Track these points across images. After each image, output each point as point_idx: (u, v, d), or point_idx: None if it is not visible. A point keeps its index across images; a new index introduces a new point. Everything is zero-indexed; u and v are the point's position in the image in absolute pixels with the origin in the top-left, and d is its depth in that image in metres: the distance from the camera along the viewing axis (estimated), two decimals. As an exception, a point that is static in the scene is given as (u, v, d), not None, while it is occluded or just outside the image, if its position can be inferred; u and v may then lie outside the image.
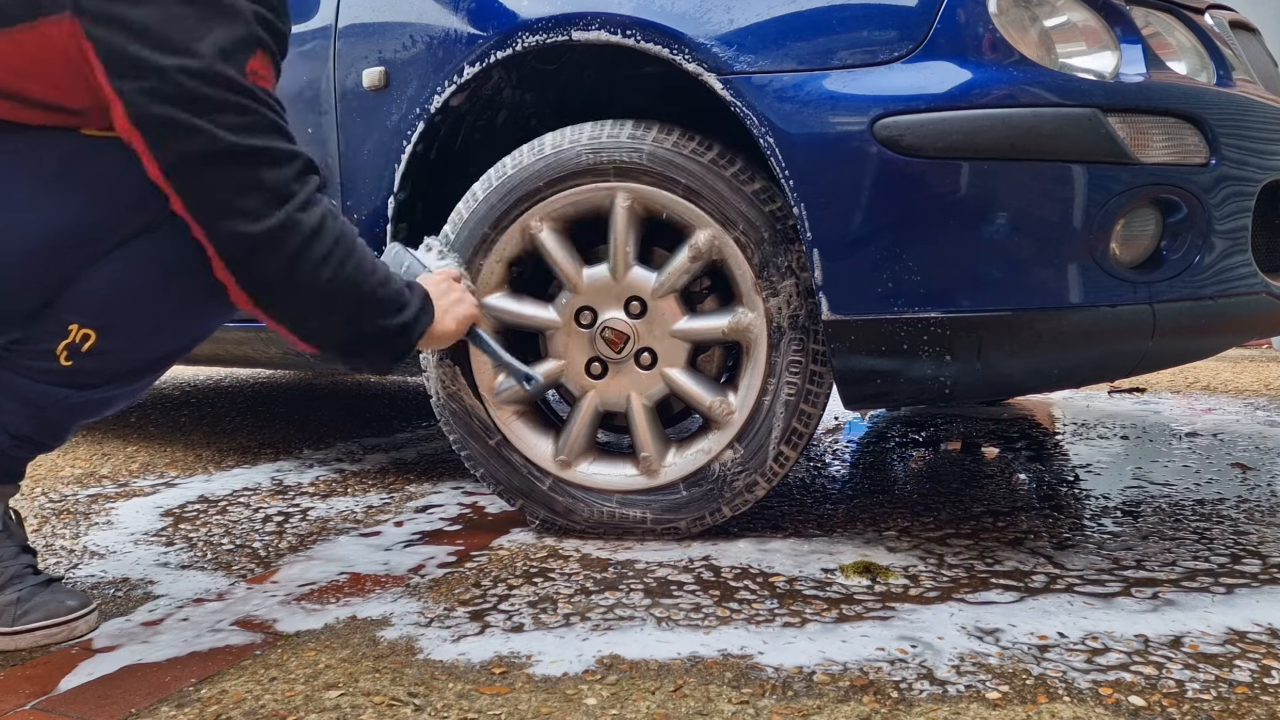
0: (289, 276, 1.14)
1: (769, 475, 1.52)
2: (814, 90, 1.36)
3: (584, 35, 1.49)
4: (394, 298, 1.26)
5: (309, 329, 1.20)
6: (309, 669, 1.10)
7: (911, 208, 1.34)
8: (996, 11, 1.34)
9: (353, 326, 1.22)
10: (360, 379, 3.90)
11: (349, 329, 1.22)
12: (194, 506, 1.88)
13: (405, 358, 1.30)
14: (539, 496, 1.61)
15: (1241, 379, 3.66)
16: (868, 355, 1.39)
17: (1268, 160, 1.47)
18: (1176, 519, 1.67)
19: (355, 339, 1.23)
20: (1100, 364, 1.45)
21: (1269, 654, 1.11)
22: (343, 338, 1.23)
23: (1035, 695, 1.01)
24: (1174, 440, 2.41)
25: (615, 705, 1.00)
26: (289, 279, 1.14)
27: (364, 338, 1.24)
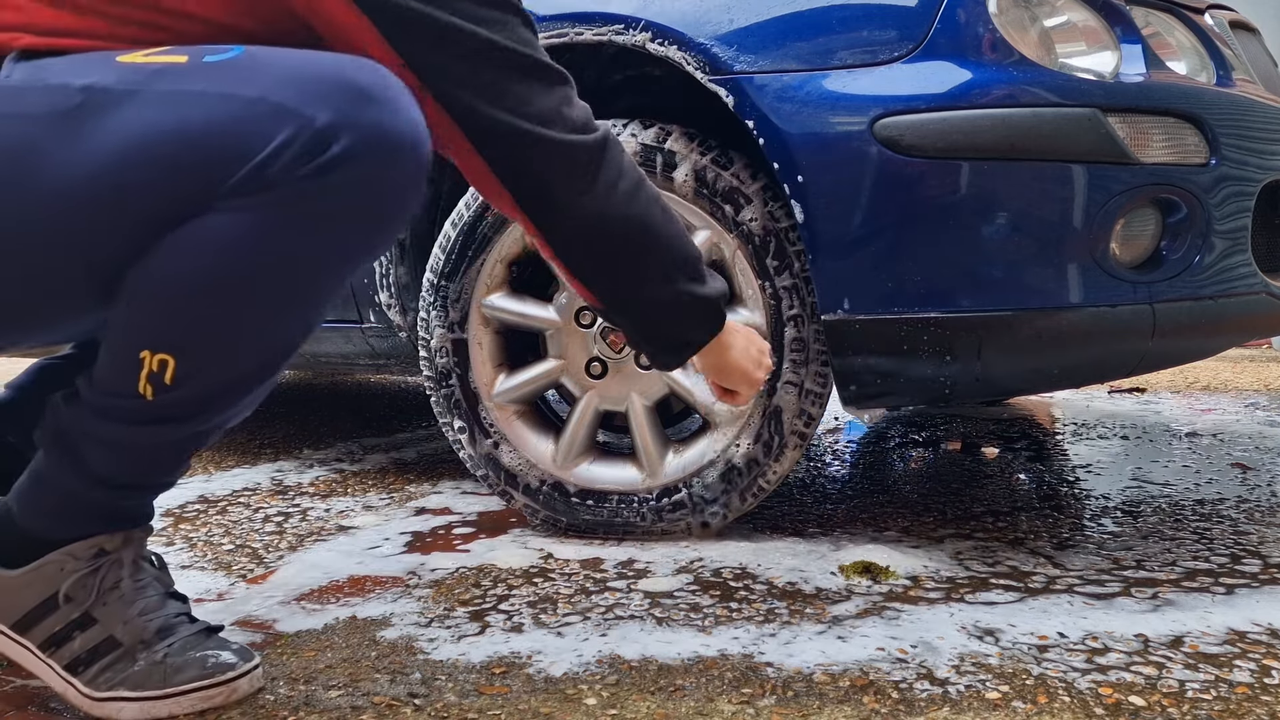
0: (587, 183, 1.00)
1: (770, 475, 1.52)
2: (814, 90, 1.36)
3: (584, 35, 1.49)
4: (696, 257, 1.13)
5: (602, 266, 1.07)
6: (309, 669, 1.10)
7: (911, 208, 1.34)
8: (996, 11, 1.34)
9: (657, 276, 1.09)
10: (360, 378, 3.90)
11: (655, 276, 1.09)
12: (194, 506, 1.88)
13: (679, 364, 1.19)
14: (539, 496, 1.61)
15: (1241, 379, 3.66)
16: (868, 355, 1.39)
17: (1268, 160, 1.47)
18: (1176, 519, 1.67)
19: (659, 297, 1.10)
20: (1100, 364, 1.45)
21: (1269, 654, 1.11)
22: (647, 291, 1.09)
23: (1035, 695, 1.01)
24: (1174, 440, 2.41)
25: (615, 705, 1.00)
26: (586, 185, 1.00)
27: (671, 299, 1.10)
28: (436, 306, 1.61)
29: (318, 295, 0.96)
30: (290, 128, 0.85)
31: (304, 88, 0.87)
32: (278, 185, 0.86)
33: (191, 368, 0.92)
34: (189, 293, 0.89)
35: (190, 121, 0.86)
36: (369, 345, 1.95)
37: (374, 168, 0.88)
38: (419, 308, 1.64)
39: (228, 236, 0.88)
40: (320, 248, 0.91)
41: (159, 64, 0.89)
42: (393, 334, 1.86)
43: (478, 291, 1.59)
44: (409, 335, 1.83)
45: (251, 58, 0.90)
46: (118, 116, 0.86)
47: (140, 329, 0.91)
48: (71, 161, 0.86)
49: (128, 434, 0.95)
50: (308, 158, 0.86)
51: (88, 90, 0.87)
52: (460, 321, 1.60)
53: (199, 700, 0.99)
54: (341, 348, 2.01)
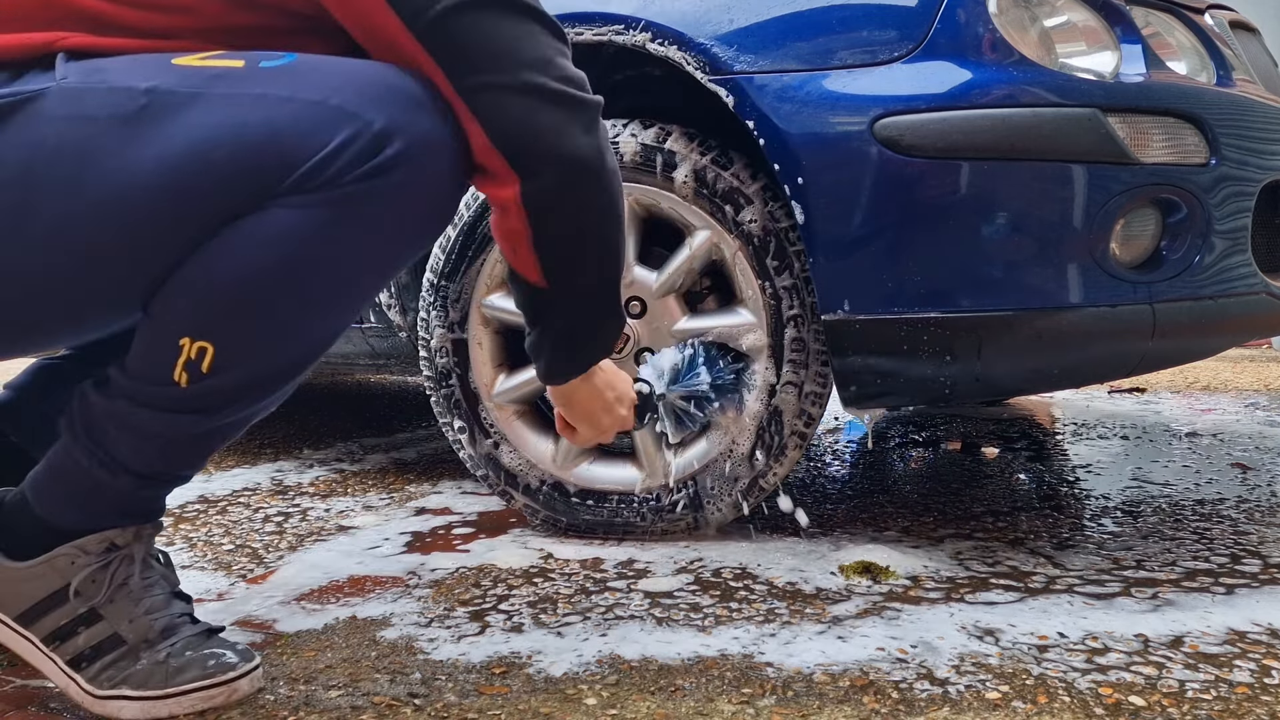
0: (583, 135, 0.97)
1: (770, 476, 1.52)
2: (814, 90, 1.36)
3: (584, 35, 1.49)
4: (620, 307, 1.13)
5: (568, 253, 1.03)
6: (309, 669, 1.10)
7: (911, 208, 1.34)
8: (996, 11, 1.34)
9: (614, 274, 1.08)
10: (360, 378, 3.90)
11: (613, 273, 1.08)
12: (194, 506, 1.88)
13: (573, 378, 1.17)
14: (539, 496, 1.61)
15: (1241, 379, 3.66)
16: (868, 355, 1.39)
17: (1268, 160, 1.47)
18: (1176, 519, 1.67)
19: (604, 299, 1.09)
20: (1100, 364, 1.45)
21: (1269, 654, 1.11)
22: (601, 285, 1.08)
23: (1035, 695, 1.01)
24: (1174, 440, 2.41)
25: (615, 705, 1.00)
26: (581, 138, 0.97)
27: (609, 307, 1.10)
28: (436, 306, 1.61)
29: (359, 294, 0.99)
30: (349, 129, 0.88)
31: (361, 92, 0.90)
32: (335, 184, 0.89)
33: (229, 357, 0.93)
34: (238, 283, 0.91)
35: (253, 123, 0.88)
36: (369, 345, 1.95)
37: (424, 171, 0.92)
38: (419, 308, 1.64)
39: (282, 231, 0.90)
40: (367, 246, 0.94)
41: (217, 68, 0.91)
42: (393, 334, 1.86)
43: (478, 291, 1.59)
44: (409, 335, 1.83)
45: (307, 63, 0.92)
46: (183, 119, 0.88)
47: (183, 315, 0.92)
48: (138, 162, 0.88)
49: (157, 421, 0.96)
50: (364, 158, 0.89)
51: (151, 93, 0.89)
52: (460, 321, 1.60)
53: (200, 700, 0.99)
54: (341, 348, 2.01)
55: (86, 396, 0.98)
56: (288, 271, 0.91)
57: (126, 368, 0.96)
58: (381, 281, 1.00)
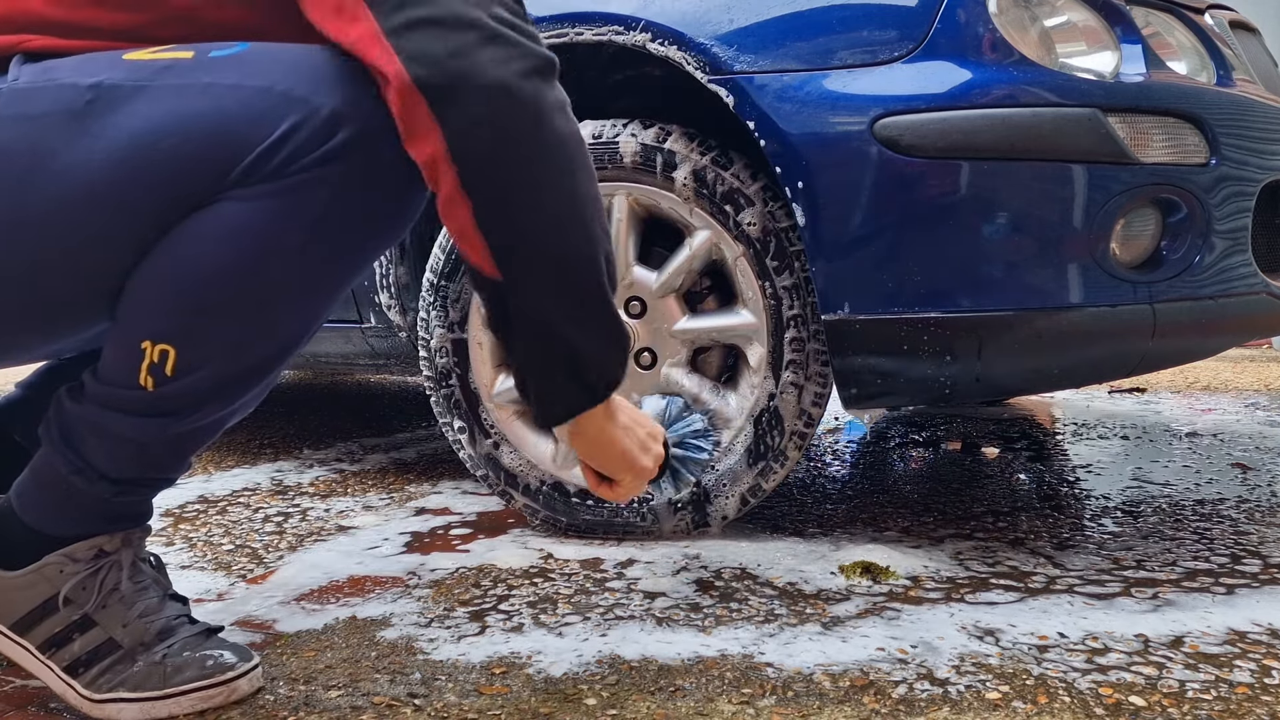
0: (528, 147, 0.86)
1: (770, 475, 1.52)
2: (814, 90, 1.36)
3: (584, 35, 1.49)
4: (609, 250, 0.93)
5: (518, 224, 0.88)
6: (309, 669, 1.10)
7: (911, 208, 1.34)
8: (996, 11, 1.34)
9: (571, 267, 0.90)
10: (360, 378, 3.90)
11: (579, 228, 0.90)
12: (193, 506, 1.88)
13: (570, 413, 0.98)
14: (539, 496, 1.61)
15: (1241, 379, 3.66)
16: (868, 355, 1.39)
17: (1268, 160, 1.47)
18: (1176, 519, 1.67)
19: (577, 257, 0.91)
20: (1100, 364, 1.45)
21: (1269, 654, 1.11)
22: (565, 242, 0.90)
23: (1035, 695, 1.01)
24: (1174, 440, 2.41)
25: (615, 705, 1.00)
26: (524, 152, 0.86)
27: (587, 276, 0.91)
28: (436, 306, 1.61)
29: (326, 287, 0.95)
30: (296, 115, 0.85)
31: (310, 77, 0.87)
32: (283, 173, 0.86)
33: (192, 359, 0.91)
34: (190, 282, 0.88)
35: (198, 112, 0.86)
36: (369, 345, 1.95)
37: (380, 156, 0.88)
38: (419, 308, 1.64)
39: (233, 226, 0.87)
40: (326, 237, 0.90)
41: (166, 60, 0.89)
42: (393, 334, 1.86)
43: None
44: (409, 335, 1.83)
45: (257, 51, 0.90)
46: (127, 112, 0.86)
47: (142, 319, 0.90)
48: (84, 160, 0.86)
49: (127, 426, 0.94)
50: (314, 145, 0.85)
51: (96, 88, 0.87)
52: (460, 321, 1.60)
53: (199, 700, 0.99)
54: (341, 348, 2.01)
55: (61, 403, 0.97)
56: (243, 268, 0.88)
57: (98, 373, 0.95)
58: (351, 272, 0.95)
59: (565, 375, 0.95)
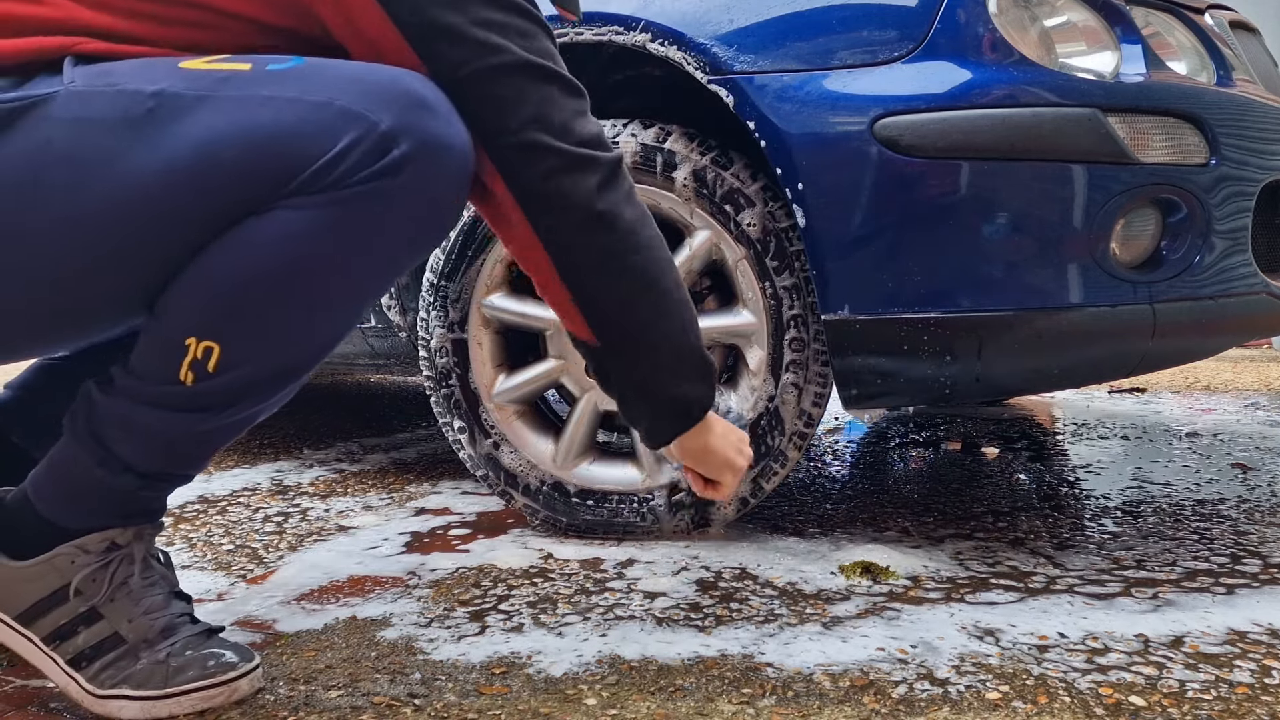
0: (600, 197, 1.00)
1: (770, 475, 1.52)
2: (814, 90, 1.36)
3: (584, 35, 1.49)
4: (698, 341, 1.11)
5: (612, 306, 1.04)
6: (309, 669, 1.10)
7: (911, 208, 1.34)
8: (996, 11, 1.34)
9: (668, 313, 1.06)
10: (360, 378, 3.90)
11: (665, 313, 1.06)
12: (193, 506, 1.88)
13: (674, 436, 1.13)
14: (539, 496, 1.61)
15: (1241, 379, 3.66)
16: (868, 355, 1.39)
17: (1268, 160, 1.47)
18: (1176, 519, 1.67)
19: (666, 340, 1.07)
20: (1100, 364, 1.45)
21: (1269, 654, 1.11)
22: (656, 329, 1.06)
23: (1035, 695, 1.01)
24: (1174, 440, 2.41)
25: (615, 705, 1.00)
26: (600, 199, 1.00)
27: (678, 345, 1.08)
28: (436, 306, 1.61)
29: (365, 294, 0.99)
30: (356, 130, 0.89)
31: (368, 93, 0.90)
32: (342, 185, 0.89)
33: (235, 357, 0.93)
34: (245, 284, 0.91)
35: (261, 124, 0.89)
36: (369, 345, 1.95)
37: (430, 173, 0.92)
38: (419, 308, 1.64)
39: (289, 232, 0.90)
40: (373, 247, 0.94)
41: (225, 71, 0.92)
42: (393, 334, 1.86)
43: (478, 291, 1.59)
44: (409, 335, 1.83)
45: (314, 66, 0.93)
46: (190, 121, 0.89)
47: (190, 315, 0.93)
48: (145, 165, 0.88)
49: (161, 420, 0.96)
50: (371, 159, 0.89)
51: (159, 96, 0.89)
52: (460, 321, 1.60)
53: (200, 700, 0.99)
54: (342, 348, 2.01)
55: (90, 396, 0.98)
56: (294, 272, 0.92)
57: (131, 367, 0.96)
58: (387, 282, 1.00)
59: (668, 412, 1.12)
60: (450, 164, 0.93)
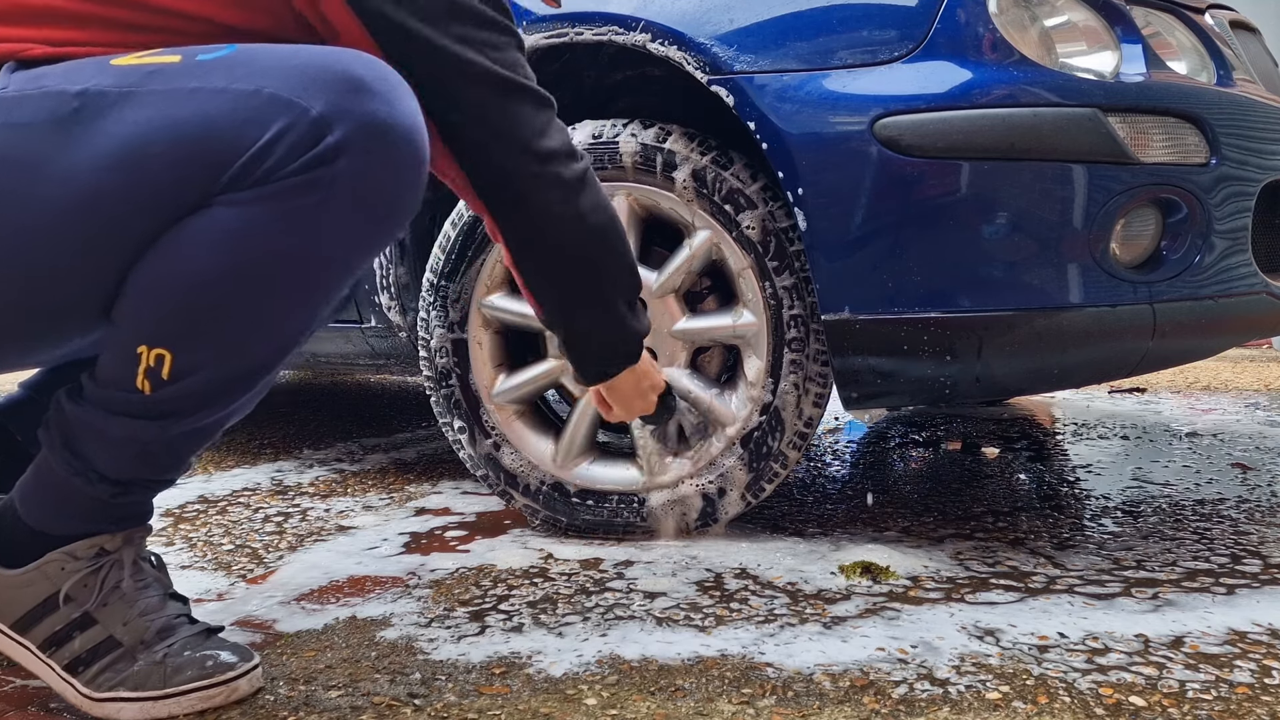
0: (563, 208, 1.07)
1: (770, 476, 1.52)
2: (814, 90, 1.36)
3: (584, 35, 1.49)
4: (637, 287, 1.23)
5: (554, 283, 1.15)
6: (309, 669, 1.10)
7: (911, 208, 1.34)
8: (996, 11, 1.34)
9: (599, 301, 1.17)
10: (360, 378, 3.90)
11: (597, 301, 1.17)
12: (193, 506, 1.88)
13: (621, 367, 1.26)
14: (539, 496, 1.61)
15: (1241, 379, 3.66)
16: (868, 355, 1.39)
17: (1268, 160, 1.47)
18: (1177, 519, 1.67)
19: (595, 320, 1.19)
20: (1100, 364, 1.45)
21: (1269, 654, 1.11)
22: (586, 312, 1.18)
23: (1036, 695, 1.01)
24: (1174, 440, 2.41)
25: (615, 705, 1.00)
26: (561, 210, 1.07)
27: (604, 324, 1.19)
28: (436, 306, 1.61)
29: (322, 289, 0.95)
30: (285, 118, 0.85)
31: (298, 79, 0.87)
32: (273, 176, 0.86)
33: (188, 363, 0.91)
34: (185, 288, 0.88)
35: (185, 117, 0.86)
36: (369, 345, 1.95)
37: (371, 158, 0.88)
38: (419, 308, 1.64)
39: (225, 231, 0.87)
40: (318, 241, 0.90)
41: (153, 64, 0.89)
42: (393, 334, 1.86)
43: (478, 291, 1.59)
44: (409, 335, 1.83)
45: (245, 53, 0.89)
46: (114, 118, 0.86)
47: (137, 324, 0.91)
48: (72, 167, 0.86)
49: (127, 429, 0.94)
50: (303, 147, 0.85)
51: (83, 95, 0.87)
52: (460, 321, 1.60)
53: (199, 700, 0.99)
54: (341, 348, 2.01)
55: (61, 405, 0.97)
56: (236, 273, 0.88)
57: (96, 376, 0.95)
58: (346, 273, 0.96)
59: (591, 364, 1.24)
60: (394, 147, 0.89)
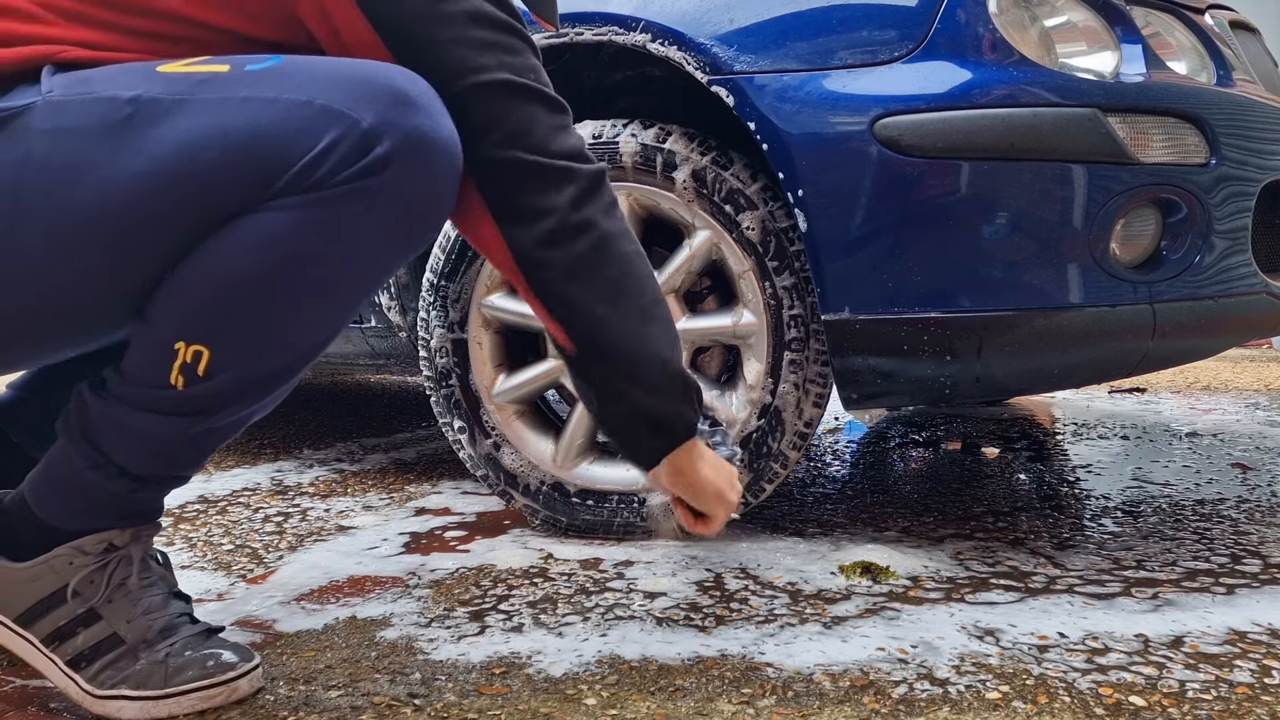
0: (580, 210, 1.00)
1: (770, 476, 1.52)
2: (814, 90, 1.36)
3: (584, 35, 1.49)
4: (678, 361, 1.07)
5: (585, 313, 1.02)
6: (309, 669, 1.10)
7: (911, 208, 1.34)
8: (996, 11, 1.34)
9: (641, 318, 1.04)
10: (360, 378, 3.90)
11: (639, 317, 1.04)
12: (193, 506, 1.88)
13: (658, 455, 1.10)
14: (539, 496, 1.61)
15: (1241, 379, 3.66)
16: (868, 355, 1.39)
17: (1268, 160, 1.47)
18: (1177, 519, 1.67)
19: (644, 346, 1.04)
20: (1100, 364, 1.45)
21: (1269, 654, 1.11)
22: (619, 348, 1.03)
23: (1036, 695, 1.01)
24: (1174, 440, 2.41)
25: (615, 705, 1.00)
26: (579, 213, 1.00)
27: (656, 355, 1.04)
28: (436, 306, 1.61)
29: (355, 294, 0.98)
30: (338, 129, 0.88)
31: (349, 90, 0.89)
32: (325, 184, 0.88)
33: (226, 360, 0.93)
34: (232, 287, 0.90)
35: (240, 125, 0.88)
36: (369, 345, 1.95)
37: (415, 170, 0.91)
38: (419, 308, 1.64)
39: (274, 234, 0.89)
40: (360, 247, 0.93)
41: (203, 73, 0.91)
42: (393, 334, 1.86)
43: (477, 291, 1.59)
44: (409, 335, 1.83)
45: (292, 64, 0.92)
46: (169, 125, 0.88)
47: (178, 320, 0.92)
48: (126, 171, 0.87)
49: (153, 424, 0.95)
50: (354, 158, 0.88)
51: (136, 101, 0.88)
52: (460, 321, 1.60)
53: (199, 700, 0.99)
54: (341, 348, 2.01)
55: (83, 399, 0.98)
56: (281, 274, 0.91)
57: (123, 371, 0.96)
58: (378, 281, 0.99)
59: (648, 429, 1.08)
60: (436, 160, 0.92)
